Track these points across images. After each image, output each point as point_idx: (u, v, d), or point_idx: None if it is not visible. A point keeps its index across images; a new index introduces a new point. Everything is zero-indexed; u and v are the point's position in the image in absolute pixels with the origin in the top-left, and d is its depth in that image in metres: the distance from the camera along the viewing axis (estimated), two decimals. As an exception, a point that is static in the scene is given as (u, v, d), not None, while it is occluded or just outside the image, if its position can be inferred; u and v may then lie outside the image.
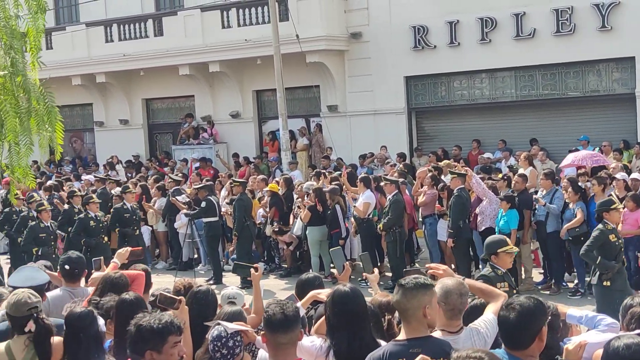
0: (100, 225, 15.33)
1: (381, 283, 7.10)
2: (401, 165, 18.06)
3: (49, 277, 7.02)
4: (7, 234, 16.54)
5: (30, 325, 5.33)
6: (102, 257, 8.42)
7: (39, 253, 14.36)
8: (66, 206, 17.12)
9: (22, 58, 7.23)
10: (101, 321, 5.74)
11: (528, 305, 4.33)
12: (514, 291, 7.54)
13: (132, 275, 6.87)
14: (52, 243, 14.89)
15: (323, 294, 5.92)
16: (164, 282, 14.28)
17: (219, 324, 5.28)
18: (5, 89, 7.07)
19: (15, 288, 6.09)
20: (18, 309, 5.39)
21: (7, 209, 17.14)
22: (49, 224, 15.00)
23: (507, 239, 7.89)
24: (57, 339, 5.47)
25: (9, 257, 16.91)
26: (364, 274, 7.66)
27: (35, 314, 5.37)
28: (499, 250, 7.53)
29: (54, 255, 14.01)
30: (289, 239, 16.20)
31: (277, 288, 14.94)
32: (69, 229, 15.61)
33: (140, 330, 4.54)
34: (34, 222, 15.14)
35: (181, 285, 6.78)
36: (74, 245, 14.67)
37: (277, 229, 16.16)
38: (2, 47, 7.24)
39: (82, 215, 15.34)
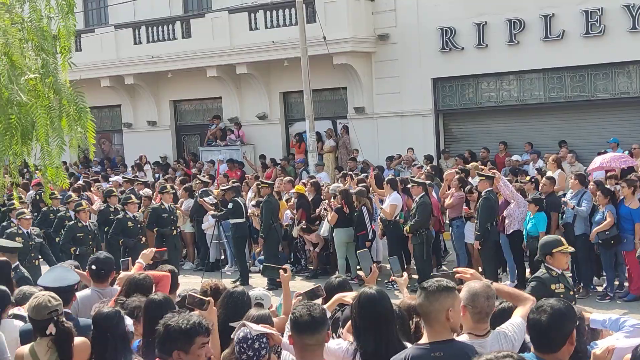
0: (139, 225, 15.34)
1: (408, 285, 7.06)
2: (428, 168, 18.02)
3: (79, 278, 7.07)
4: (45, 232, 16.66)
5: (51, 329, 5.38)
6: (130, 258, 8.47)
7: (77, 253, 14.42)
8: (97, 205, 17.21)
9: (53, 59, 7.28)
10: (129, 321, 5.79)
11: (559, 308, 4.31)
12: (571, 292, 7.44)
13: (157, 276, 6.91)
14: (90, 243, 14.88)
15: (348, 296, 5.91)
16: (190, 282, 14.35)
17: (244, 325, 5.30)
18: (36, 91, 7.14)
19: (46, 288, 6.15)
20: (39, 312, 5.44)
21: (44, 209, 17.29)
22: (87, 224, 15.03)
23: (562, 239, 7.73)
24: (79, 340, 5.52)
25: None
26: (392, 277, 7.64)
27: (55, 317, 5.41)
28: (554, 251, 7.42)
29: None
30: (316, 239, 16.20)
31: (303, 290, 14.93)
32: (106, 229, 15.70)
33: (168, 330, 4.56)
34: (71, 222, 15.22)
35: (208, 286, 6.79)
36: (112, 246, 14.78)
37: (304, 226, 16.15)
38: (32, 48, 7.30)
39: (120, 216, 15.40)
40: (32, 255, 13.52)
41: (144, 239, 15.40)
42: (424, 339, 4.72)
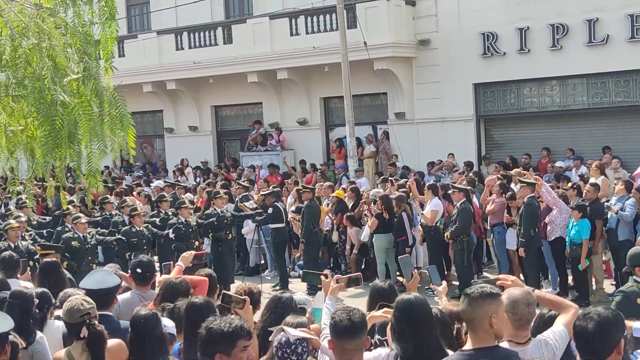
0: (190, 230, 15.25)
1: (447, 293, 6.97)
2: (471, 174, 17.91)
3: (120, 280, 7.13)
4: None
5: (84, 331, 5.42)
6: (171, 262, 8.52)
7: (131, 258, 14.39)
8: (142, 207, 17.28)
9: (96, 63, 7.33)
10: (170, 323, 5.82)
11: (606, 316, 4.23)
12: None
13: (194, 280, 6.93)
14: (144, 247, 14.76)
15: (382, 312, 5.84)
16: (231, 286, 14.41)
17: (282, 329, 5.31)
18: (79, 93, 7.20)
19: (87, 290, 6.22)
20: (72, 315, 5.49)
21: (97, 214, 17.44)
22: (141, 229, 14.95)
23: None
24: (115, 342, 5.57)
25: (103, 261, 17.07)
26: (432, 285, 7.56)
27: (87, 320, 5.47)
28: None
29: None
30: (356, 237, 16.07)
31: (343, 295, 14.88)
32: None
33: (210, 334, 4.57)
34: (126, 227, 15.20)
35: (242, 290, 6.80)
36: (165, 250, 14.84)
37: (350, 214, 16.07)
38: (75, 52, 7.35)
39: (172, 221, 15.35)
40: (89, 259, 13.65)
41: (197, 242, 15.29)
42: (468, 345, 4.67)
